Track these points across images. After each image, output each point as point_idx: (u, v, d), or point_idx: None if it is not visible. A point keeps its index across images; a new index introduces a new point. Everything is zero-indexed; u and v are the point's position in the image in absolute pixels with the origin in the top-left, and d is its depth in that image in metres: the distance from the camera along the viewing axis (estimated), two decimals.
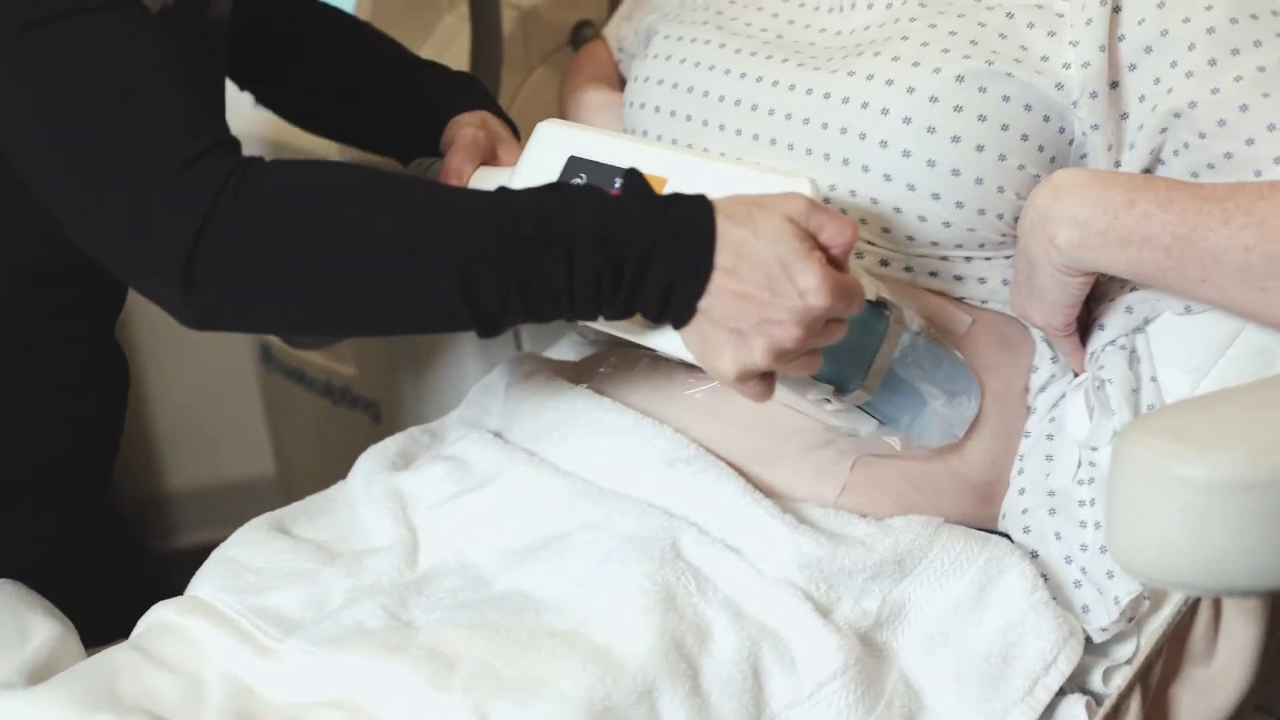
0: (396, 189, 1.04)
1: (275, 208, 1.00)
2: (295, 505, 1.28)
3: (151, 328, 2.48)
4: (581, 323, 1.11)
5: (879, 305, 1.14)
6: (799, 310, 1.00)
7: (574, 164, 1.17)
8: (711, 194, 1.04)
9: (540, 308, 1.03)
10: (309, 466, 2.07)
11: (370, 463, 1.29)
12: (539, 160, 1.20)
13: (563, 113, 1.53)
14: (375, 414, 1.88)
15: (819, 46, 1.26)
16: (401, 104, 1.41)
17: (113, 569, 1.41)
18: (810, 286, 1.00)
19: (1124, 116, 1.17)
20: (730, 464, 1.18)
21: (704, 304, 1.02)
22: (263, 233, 0.99)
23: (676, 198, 1.04)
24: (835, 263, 1.02)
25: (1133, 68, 1.16)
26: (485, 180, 1.26)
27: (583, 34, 1.83)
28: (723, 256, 1.01)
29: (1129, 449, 0.90)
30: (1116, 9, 1.17)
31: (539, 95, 1.80)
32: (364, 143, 1.50)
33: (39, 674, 1.12)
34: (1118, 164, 1.18)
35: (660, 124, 1.31)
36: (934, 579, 1.13)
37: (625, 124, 1.35)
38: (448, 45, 1.79)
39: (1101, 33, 1.16)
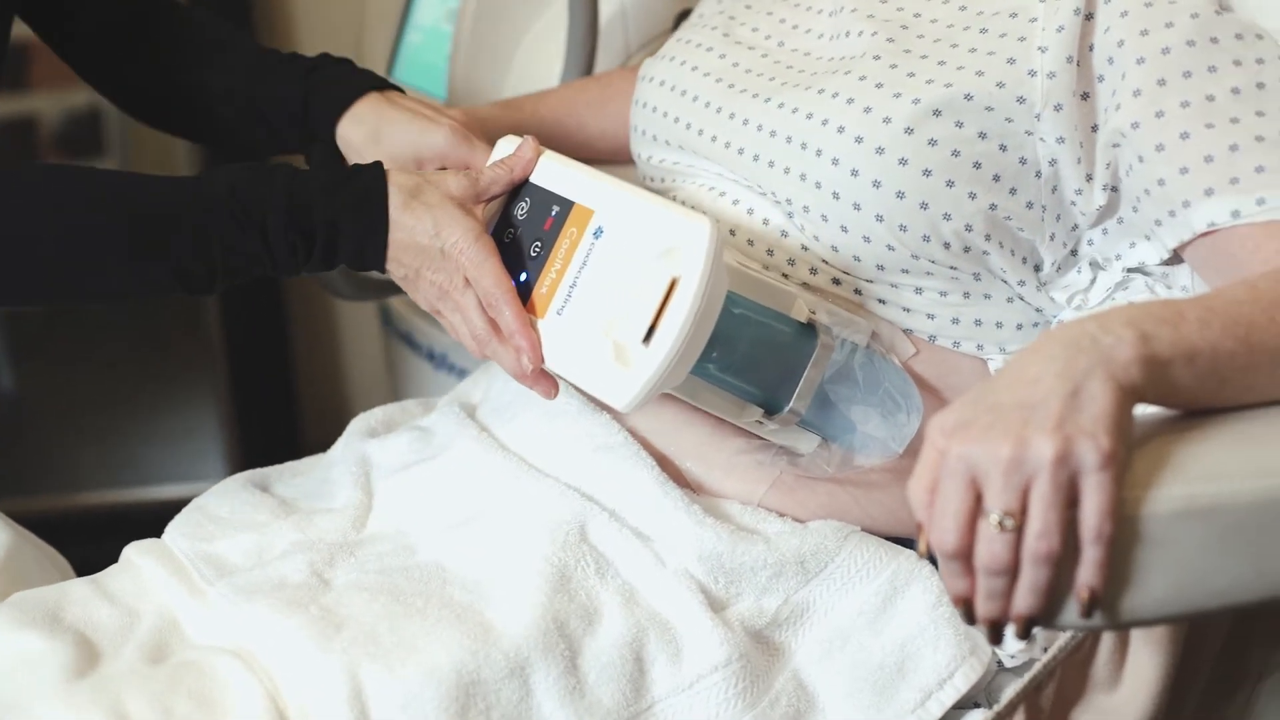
0: (103, 187, 1.16)
1: None
2: (289, 464, 1.37)
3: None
4: None
5: (809, 327, 1.15)
6: (452, 265, 1.17)
7: (520, 187, 1.22)
8: (629, 228, 1.13)
9: (247, 274, 1.19)
10: None
11: (353, 428, 1.37)
12: None
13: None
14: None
15: (812, 57, 1.27)
16: (282, 98, 1.40)
17: None
18: (451, 241, 1.16)
19: (1094, 129, 1.15)
20: (664, 456, 1.21)
21: (397, 271, 1.19)
22: None
23: (355, 170, 1.19)
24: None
25: (1100, 79, 1.14)
26: None
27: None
28: (394, 230, 1.17)
29: None
30: (1089, 16, 1.14)
31: None
32: (222, 141, 1.48)
33: None
34: (1089, 178, 1.15)
35: (657, 124, 1.33)
36: (839, 584, 1.14)
37: (630, 119, 1.38)
38: (554, 27, 1.83)
39: (1071, 42, 1.13)
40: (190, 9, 1.45)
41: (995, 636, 0.89)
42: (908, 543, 1.18)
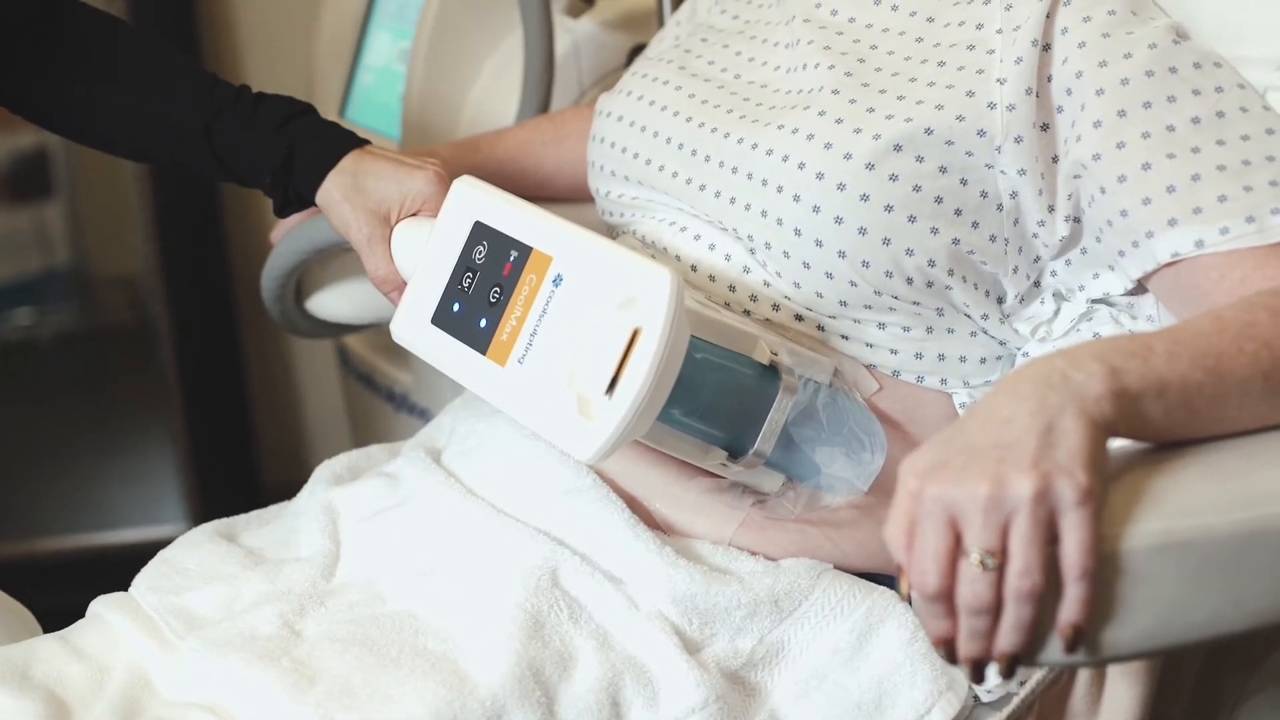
0: None
1: None
2: (254, 513, 1.35)
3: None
4: None
5: (771, 369, 1.15)
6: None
7: (478, 230, 1.21)
8: (589, 276, 1.12)
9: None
10: None
11: (318, 475, 1.36)
12: (453, 219, 1.24)
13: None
14: (428, 420, 1.95)
15: (769, 90, 1.27)
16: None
17: None
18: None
19: (1055, 160, 1.15)
20: (633, 497, 1.21)
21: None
22: None
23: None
24: None
25: (1059, 110, 1.14)
26: (412, 230, 1.29)
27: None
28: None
29: None
30: (1046, 47, 1.14)
31: None
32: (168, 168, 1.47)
33: None
34: (1051, 209, 1.15)
35: (616, 160, 1.33)
36: (814, 623, 1.14)
37: (588, 155, 1.38)
38: (507, 65, 1.84)
39: (1030, 74, 1.14)
40: (135, 31, 1.39)
41: (978, 676, 0.89)
42: (881, 578, 1.18)
